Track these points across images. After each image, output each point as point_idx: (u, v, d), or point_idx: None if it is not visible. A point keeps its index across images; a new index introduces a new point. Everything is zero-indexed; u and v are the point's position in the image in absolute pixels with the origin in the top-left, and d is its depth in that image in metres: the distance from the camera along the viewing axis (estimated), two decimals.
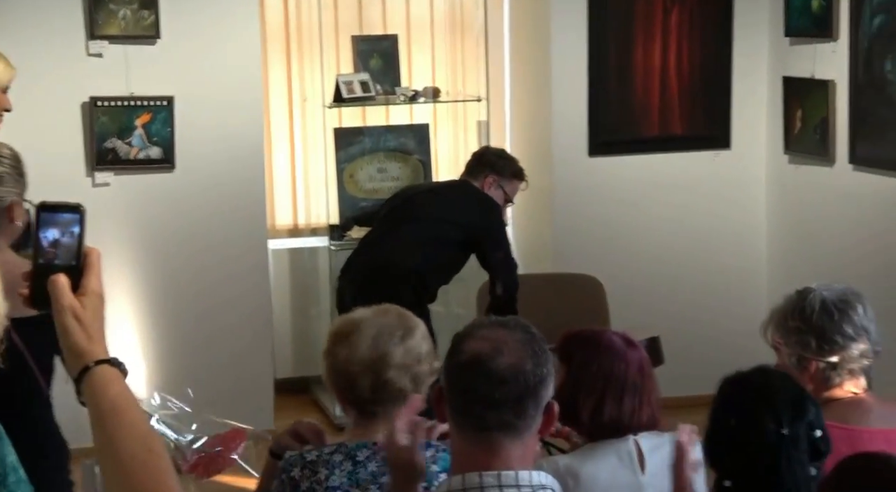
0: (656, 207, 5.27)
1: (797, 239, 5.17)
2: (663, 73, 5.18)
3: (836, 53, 4.74)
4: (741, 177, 5.30)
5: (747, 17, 5.21)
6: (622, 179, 5.23)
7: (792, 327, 2.43)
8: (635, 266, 5.25)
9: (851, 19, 4.63)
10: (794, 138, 5.07)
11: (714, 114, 5.24)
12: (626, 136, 5.19)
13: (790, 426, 1.93)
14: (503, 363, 1.71)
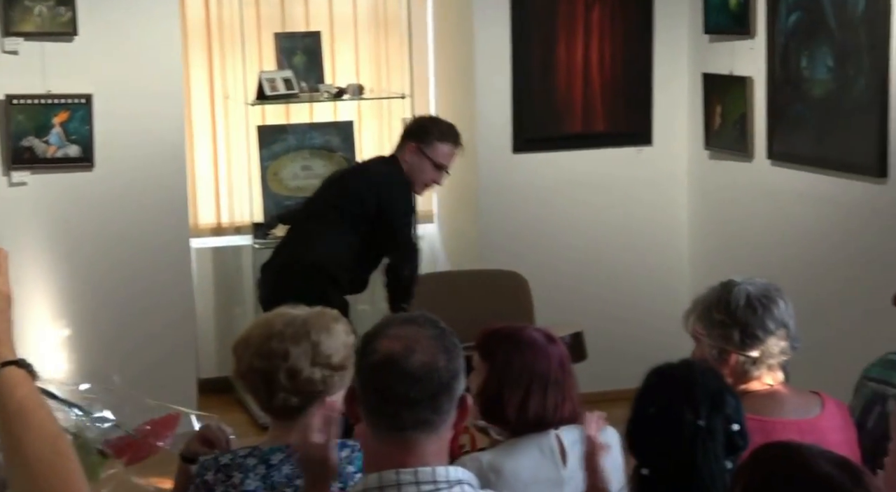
0: (580, 204, 5.31)
1: (717, 233, 5.22)
2: (586, 71, 5.22)
3: (754, 50, 4.80)
4: (663, 173, 5.37)
5: (667, 15, 5.27)
6: (546, 176, 5.26)
7: (716, 320, 2.45)
8: (560, 262, 5.28)
9: (768, 17, 4.70)
10: (714, 134, 5.14)
11: (636, 110, 5.29)
12: (550, 133, 5.23)
13: (707, 419, 1.95)
14: (417, 362, 1.71)
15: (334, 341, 2.22)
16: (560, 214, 5.30)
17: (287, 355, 2.18)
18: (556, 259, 5.27)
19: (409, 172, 4.27)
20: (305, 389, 2.18)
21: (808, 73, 4.52)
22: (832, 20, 4.37)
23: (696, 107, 5.24)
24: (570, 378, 2.50)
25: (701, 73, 5.17)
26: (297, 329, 2.20)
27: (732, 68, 4.94)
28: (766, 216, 4.88)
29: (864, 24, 4.20)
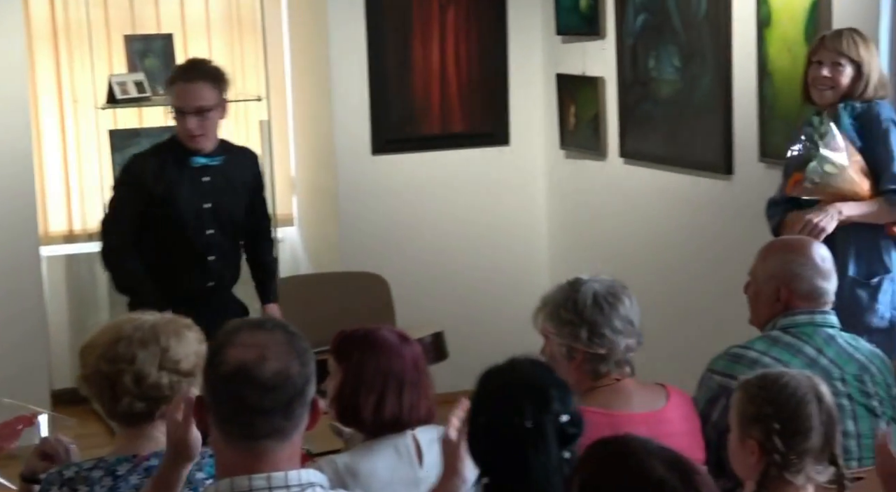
0: (440, 204, 5.31)
1: (575, 230, 5.28)
2: (443, 72, 5.22)
3: (605, 51, 4.86)
4: (520, 172, 5.39)
5: (520, 17, 5.30)
6: (406, 177, 5.25)
7: (565, 319, 2.49)
8: (420, 263, 5.28)
9: (617, 18, 4.76)
10: (569, 134, 5.19)
11: (493, 111, 5.32)
12: (408, 134, 5.21)
13: (533, 418, 1.96)
14: (270, 370, 1.69)
15: (184, 348, 2.18)
16: (420, 215, 5.30)
17: (134, 359, 2.14)
18: (417, 260, 5.27)
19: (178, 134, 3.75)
20: (151, 394, 2.13)
21: (656, 73, 4.61)
22: (677, 21, 4.45)
23: (551, 107, 5.29)
24: (426, 378, 2.51)
25: (555, 73, 5.21)
26: (146, 334, 2.16)
27: (585, 69, 5.01)
28: (621, 213, 4.96)
29: (707, 25, 4.28)
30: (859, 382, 2.65)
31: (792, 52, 3.87)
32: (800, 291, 2.69)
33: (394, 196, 5.25)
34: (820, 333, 2.69)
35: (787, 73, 3.90)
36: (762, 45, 4.02)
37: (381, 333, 2.52)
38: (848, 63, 3.37)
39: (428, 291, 5.23)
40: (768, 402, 2.11)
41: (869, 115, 3.36)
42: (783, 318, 2.70)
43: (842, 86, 3.37)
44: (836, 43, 3.39)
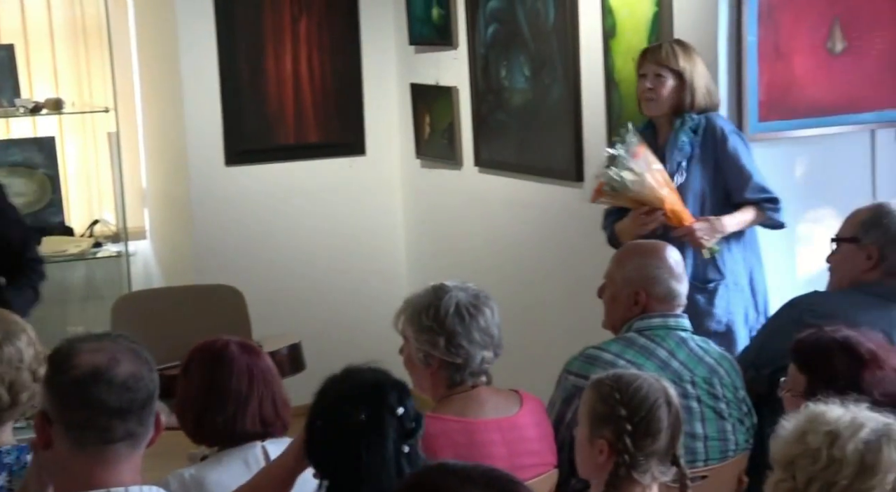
0: (296, 215, 5.25)
1: (432, 239, 5.27)
2: (296, 82, 5.16)
3: (458, 61, 4.87)
4: (377, 182, 5.37)
5: (373, 27, 5.29)
6: (260, 188, 5.18)
7: (425, 325, 2.48)
8: (277, 274, 5.21)
9: (469, 28, 4.77)
10: (425, 143, 5.19)
11: (348, 121, 5.28)
12: (263, 144, 5.14)
13: (368, 412, 1.96)
14: (124, 371, 1.69)
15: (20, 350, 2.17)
16: (276, 226, 5.23)
17: None
18: (274, 272, 5.21)
19: None
20: None
21: (508, 82, 4.64)
22: (527, 31, 4.47)
23: (406, 117, 5.29)
24: (275, 388, 2.45)
25: (409, 83, 5.21)
26: None
27: (438, 78, 5.01)
28: (476, 221, 4.99)
29: (556, 36, 4.31)
30: (708, 384, 2.69)
31: (637, 62, 3.93)
32: (656, 295, 2.73)
33: (249, 207, 5.17)
34: (673, 336, 2.73)
35: (633, 83, 3.91)
36: (608, 56, 4.07)
37: (226, 346, 2.47)
38: (669, 74, 3.44)
39: (285, 303, 5.16)
40: (622, 403, 2.15)
41: (708, 129, 3.43)
42: (638, 320, 2.74)
43: (664, 97, 3.44)
44: (656, 55, 3.47)
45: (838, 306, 2.80)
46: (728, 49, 3.63)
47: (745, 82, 3.62)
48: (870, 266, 2.86)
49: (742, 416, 2.72)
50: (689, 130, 3.43)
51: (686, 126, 3.43)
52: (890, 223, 2.87)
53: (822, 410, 1.73)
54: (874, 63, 3.71)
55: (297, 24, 5.14)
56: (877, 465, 1.64)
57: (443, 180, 5.14)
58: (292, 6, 5.11)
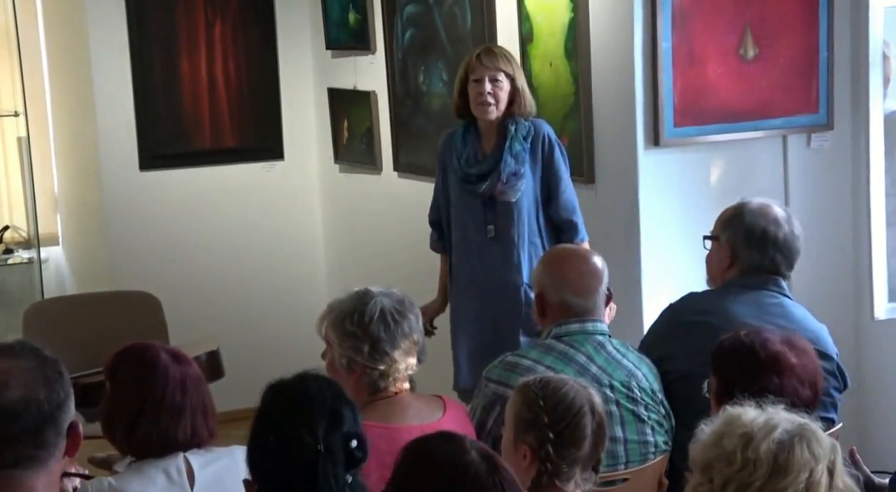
0: (213, 220, 5.20)
1: (351, 243, 5.25)
2: (211, 86, 5.12)
3: (375, 65, 4.86)
4: (296, 187, 5.34)
5: (290, 32, 5.25)
6: (176, 193, 5.12)
7: (348, 331, 2.46)
8: (194, 280, 5.15)
9: (386, 33, 4.75)
10: (344, 148, 5.16)
11: (265, 125, 5.25)
12: (178, 149, 5.10)
13: (325, 440, 1.91)
14: (12, 397, 1.60)
15: None
16: (193, 231, 5.17)
17: None
18: (191, 277, 5.15)
19: None
20: None
21: (426, 87, 4.63)
22: (443, 36, 4.48)
23: (324, 121, 5.26)
24: (199, 398, 2.40)
25: (326, 87, 5.18)
26: None
27: (356, 83, 4.99)
28: (396, 226, 4.97)
29: (472, 40, 4.30)
30: (626, 388, 2.71)
31: (554, 67, 3.95)
32: (551, 303, 2.74)
33: (164, 213, 5.11)
34: (591, 341, 2.74)
35: (550, 87, 3.96)
36: (526, 61, 4.05)
37: (152, 351, 2.41)
38: (505, 78, 3.52)
39: (202, 309, 5.11)
40: (545, 411, 2.14)
41: (537, 136, 3.53)
42: (556, 327, 2.74)
43: (502, 101, 3.52)
44: (492, 59, 3.54)
45: (711, 302, 2.84)
46: (643, 55, 3.65)
47: (661, 88, 3.65)
48: (728, 265, 2.89)
49: (661, 418, 2.73)
50: (521, 138, 3.52)
51: (519, 133, 3.53)
52: (741, 222, 2.88)
53: (739, 412, 1.74)
54: (784, 69, 3.76)
55: (212, 28, 5.10)
56: (789, 465, 1.65)
57: (362, 185, 5.12)
58: (206, 10, 5.08)
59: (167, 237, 5.12)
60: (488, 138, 3.58)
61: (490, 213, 3.59)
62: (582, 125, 3.83)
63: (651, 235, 3.74)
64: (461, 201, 3.64)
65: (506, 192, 3.53)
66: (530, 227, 3.56)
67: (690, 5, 3.67)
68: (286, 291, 5.35)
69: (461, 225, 3.65)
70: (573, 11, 3.84)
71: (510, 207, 3.54)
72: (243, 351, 4.87)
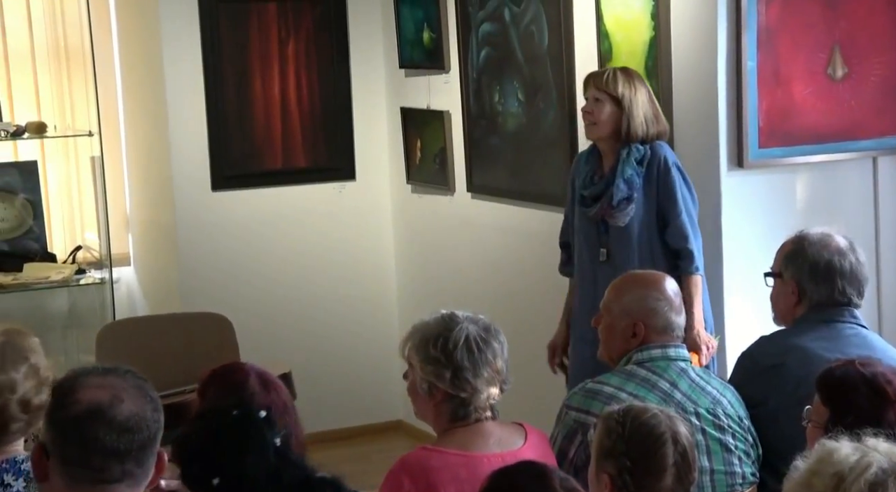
0: (284, 241, 5.24)
1: (423, 266, 5.26)
2: (284, 106, 5.17)
3: (449, 85, 4.89)
4: (367, 208, 5.36)
5: (363, 50, 5.30)
6: (248, 214, 5.17)
7: (431, 356, 2.46)
8: (266, 302, 5.20)
9: (460, 52, 4.79)
10: (416, 169, 5.19)
11: (337, 145, 5.28)
12: (250, 169, 5.14)
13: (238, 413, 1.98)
14: (126, 411, 1.68)
15: (43, 359, 2.20)
16: (264, 252, 5.22)
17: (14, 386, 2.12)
18: (262, 299, 5.19)
19: None
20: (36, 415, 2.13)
21: (501, 106, 4.64)
22: (520, 55, 4.49)
23: (397, 141, 5.28)
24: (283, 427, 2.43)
25: (399, 107, 5.21)
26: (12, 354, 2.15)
27: (430, 102, 5.02)
28: (468, 247, 4.98)
29: (550, 59, 4.33)
30: (713, 416, 2.69)
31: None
32: (655, 326, 2.73)
33: (236, 233, 5.16)
34: (673, 366, 2.73)
35: None
36: None
37: (238, 374, 2.43)
38: (608, 99, 3.55)
39: (274, 331, 5.15)
40: (623, 439, 2.14)
41: (653, 159, 3.53)
42: (638, 352, 2.73)
43: (602, 121, 3.55)
44: (597, 80, 3.60)
45: (785, 342, 2.81)
46: (727, 73, 3.64)
47: (745, 108, 3.63)
48: (795, 301, 2.86)
49: (748, 447, 2.71)
50: (633, 162, 3.51)
51: (631, 157, 3.52)
52: (804, 257, 2.85)
53: (832, 449, 1.71)
54: (875, 89, 3.73)
55: (285, 46, 5.15)
56: None
57: (434, 206, 5.14)
58: (280, 27, 5.13)
59: (238, 258, 5.16)
60: (608, 160, 3.61)
61: (603, 236, 3.61)
62: None
63: (735, 261, 3.72)
64: (580, 223, 3.68)
65: (615, 216, 3.55)
66: (642, 252, 3.54)
67: (777, 23, 3.65)
68: (357, 313, 5.38)
69: (580, 248, 3.70)
70: (654, 29, 3.84)
71: (622, 231, 3.55)
72: (314, 373, 4.91)
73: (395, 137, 5.30)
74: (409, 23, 5.10)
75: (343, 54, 5.26)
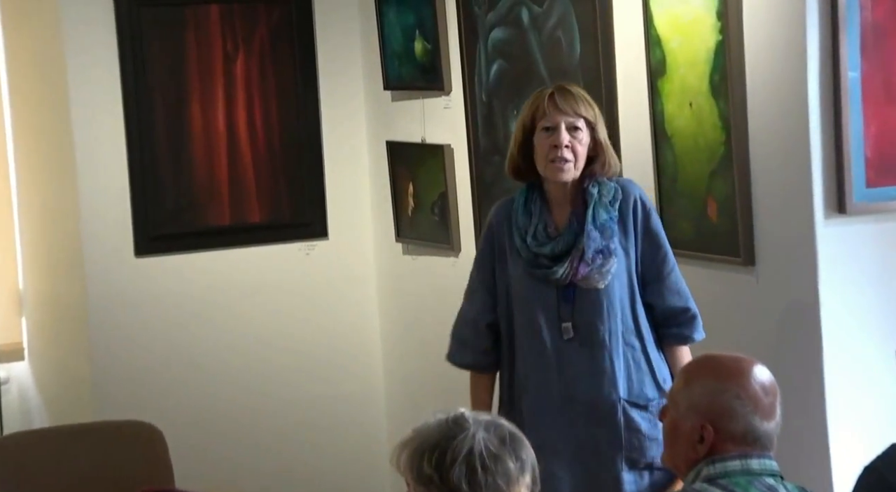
0: (233, 323, 5.31)
1: (419, 349, 5.29)
2: (232, 142, 5.24)
3: (451, 110, 4.96)
4: (345, 275, 5.45)
5: (336, 66, 5.37)
6: (184, 287, 5.23)
7: (425, 474, 2.43)
8: (208, 406, 5.24)
9: (465, 67, 4.84)
10: (409, 222, 5.26)
11: (304, 193, 5.37)
12: (187, 227, 5.21)
13: None
14: None
15: None
16: (206, 338, 5.26)
17: None
18: (203, 402, 5.23)
19: None
20: None
21: None
22: (543, 69, 4.52)
23: (382, 186, 5.35)
24: None
25: (385, 141, 5.28)
26: None
27: (425, 134, 5.07)
28: None
29: (583, 73, 4.34)
30: None
31: (695, 108, 3.95)
32: (730, 433, 2.69)
33: (168, 313, 5.20)
34: (757, 484, 2.69)
35: (690, 135, 3.97)
36: (656, 100, 4.09)
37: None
38: (586, 127, 3.58)
39: (220, 445, 5.18)
40: None
41: (625, 200, 3.59)
42: (709, 465, 2.69)
43: (582, 157, 3.58)
44: (570, 101, 3.58)
45: None
46: (821, 88, 3.62)
47: (846, 134, 3.61)
48: None
49: None
50: (607, 204, 3.57)
51: (605, 198, 3.56)
52: None
53: None
54: None
55: (232, 63, 5.21)
56: None
57: (434, 272, 5.17)
58: (226, 37, 5.20)
59: (172, 347, 5.20)
60: (560, 207, 3.62)
61: (566, 306, 3.59)
62: (736, 186, 3.82)
63: (837, 337, 3.68)
64: (529, 292, 3.63)
65: (591, 276, 3.54)
66: (625, 322, 3.57)
67: (887, 20, 3.64)
68: (333, 419, 5.39)
69: (529, 324, 3.64)
70: (722, 32, 3.83)
71: (597, 297, 3.55)
72: None
73: (381, 180, 5.34)
74: (397, 30, 5.13)
75: (310, 72, 5.32)
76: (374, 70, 5.28)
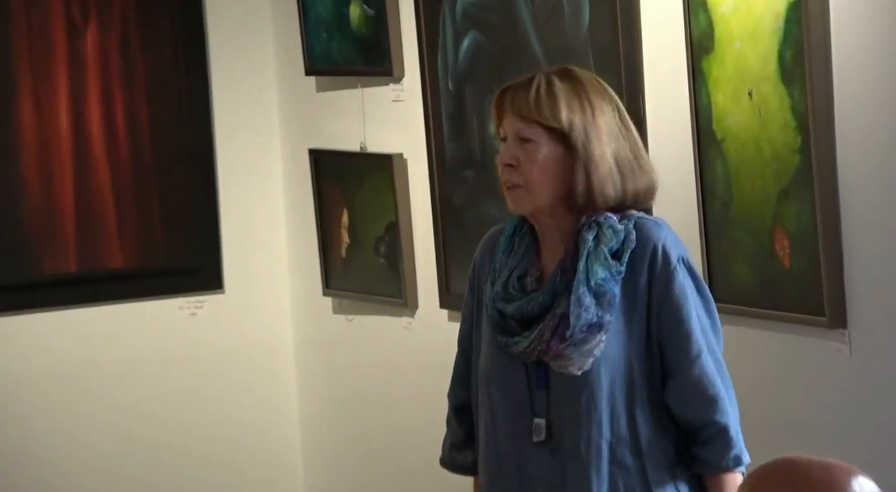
0: (86, 411, 5.41)
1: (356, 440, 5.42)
2: (80, 155, 5.27)
3: (403, 104, 5.05)
4: (249, 340, 5.55)
5: (236, 40, 5.41)
6: (14, 359, 5.26)
7: None
8: None
9: (424, 42, 4.92)
10: (342, 266, 5.35)
11: (188, 229, 5.38)
12: (15, 277, 5.29)
13: None
14: None
15: None
16: (41, 431, 5.28)
17: None
18: None
19: None
20: None
21: None
22: (536, 45, 4.58)
23: (304, 215, 5.38)
24: None
25: (308, 149, 5.34)
26: None
27: (365, 139, 5.07)
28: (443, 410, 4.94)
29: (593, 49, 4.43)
30: None
31: (757, 99, 4.02)
32: None
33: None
34: None
35: (751, 137, 4.03)
36: (699, 86, 4.16)
37: None
38: (544, 135, 3.48)
39: None
40: None
41: (643, 248, 3.47)
42: None
43: (534, 179, 3.48)
44: (519, 98, 3.50)
45: None
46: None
47: None
48: None
49: None
50: (606, 254, 3.47)
51: (603, 245, 3.46)
52: None
53: None
54: None
55: (81, 39, 5.23)
56: None
57: (380, 336, 5.32)
58: (69, 3, 5.19)
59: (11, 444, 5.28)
60: (551, 249, 3.57)
61: (540, 394, 3.52)
62: (818, 211, 3.88)
63: None
64: (492, 364, 3.59)
65: (568, 356, 3.46)
66: (615, 430, 3.51)
67: None
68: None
69: (489, 417, 3.60)
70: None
71: (574, 387, 3.47)
72: None
73: (301, 207, 5.37)
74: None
75: (197, 51, 5.35)
76: (292, 47, 5.33)
